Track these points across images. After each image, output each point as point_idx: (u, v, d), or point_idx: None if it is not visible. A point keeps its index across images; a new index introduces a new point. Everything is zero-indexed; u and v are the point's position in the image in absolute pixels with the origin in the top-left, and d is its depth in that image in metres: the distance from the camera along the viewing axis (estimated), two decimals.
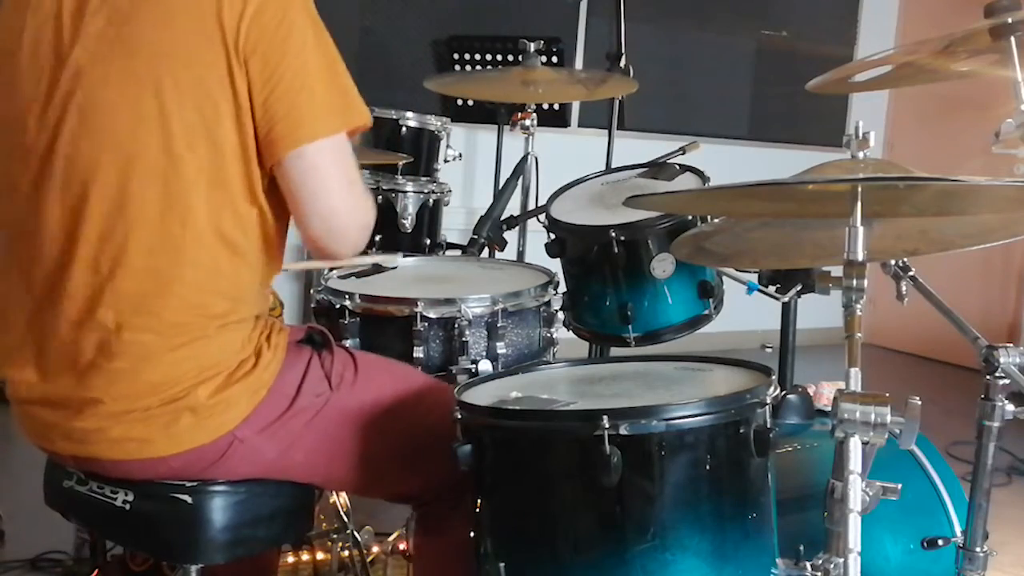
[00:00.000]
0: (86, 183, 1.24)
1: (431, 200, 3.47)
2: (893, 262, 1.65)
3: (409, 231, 3.40)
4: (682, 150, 2.54)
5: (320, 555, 2.16)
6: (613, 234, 1.95)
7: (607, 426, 1.13)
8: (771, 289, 1.97)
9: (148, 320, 1.25)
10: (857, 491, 1.15)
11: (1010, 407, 1.52)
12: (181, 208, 1.24)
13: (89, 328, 1.25)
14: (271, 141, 1.26)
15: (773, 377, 1.31)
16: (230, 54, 1.23)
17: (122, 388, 1.26)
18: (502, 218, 2.32)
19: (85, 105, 1.23)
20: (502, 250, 2.36)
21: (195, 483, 1.34)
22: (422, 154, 3.47)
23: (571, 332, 2.13)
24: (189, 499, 1.34)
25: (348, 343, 1.68)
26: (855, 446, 1.16)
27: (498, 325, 1.70)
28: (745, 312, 2.67)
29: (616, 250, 1.95)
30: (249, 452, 1.32)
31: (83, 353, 1.26)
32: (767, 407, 1.26)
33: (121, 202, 1.23)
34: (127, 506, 1.34)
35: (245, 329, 1.32)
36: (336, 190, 1.29)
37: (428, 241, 3.48)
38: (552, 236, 2.08)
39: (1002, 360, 1.49)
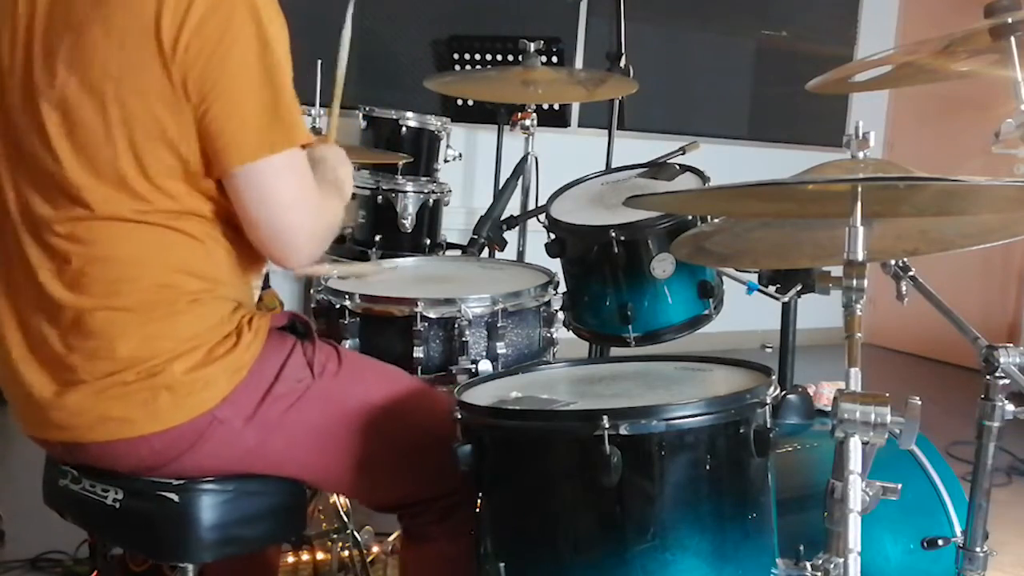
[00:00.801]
0: (53, 174, 1.26)
1: (431, 200, 3.47)
2: (893, 262, 1.65)
3: (409, 231, 3.40)
4: (682, 150, 2.54)
5: (320, 555, 2.16)
6: (613, 234, 1.95)
7: (607, 426, 1.13)
8: (771, 289, 1.98)
9: (120, 300, 1.28)
10: (857, 491, 1.15)
11: (1010, 407, 1.52)
12: (148, 200, 1.27)
13: (63, 314, 1.28)
14: (209, 158, 1.28)
15: (773, 377, 1.31)
16: (171, 74, 1.23)
17: (100, 364, 1.28)
18: (502, 218, 2.32)
19: (49, 120, 1.26)
20: (502, 250, 2.36)
21: (182, 481, 1.34)
22: (422, 154, 3.47)
23: (571, 332, 2.13)
24: (176, 497, 1.34)
25: (348, 343, 1.68)
26: (855, 446, 1.16)
27: (498, 325, 1.70)
28: (745, 312, 2.67)
29: (616, 250, 1.95)
30: (228, 435, 1.32)
31: (60, 335, 1.29)
32: (767, 407, 1.26)
33: (91, 196, 1.26)
34: (117, 504, 1.35)
35: (223, 308, 1.34)
36: (276, 209, 1.30)
37: (428, 241, 3.48)
38: (552, 236, 2.08)
39: (1002, 360, 1.49)
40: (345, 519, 2.07)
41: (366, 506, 1.56)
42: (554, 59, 3.77)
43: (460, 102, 3.97)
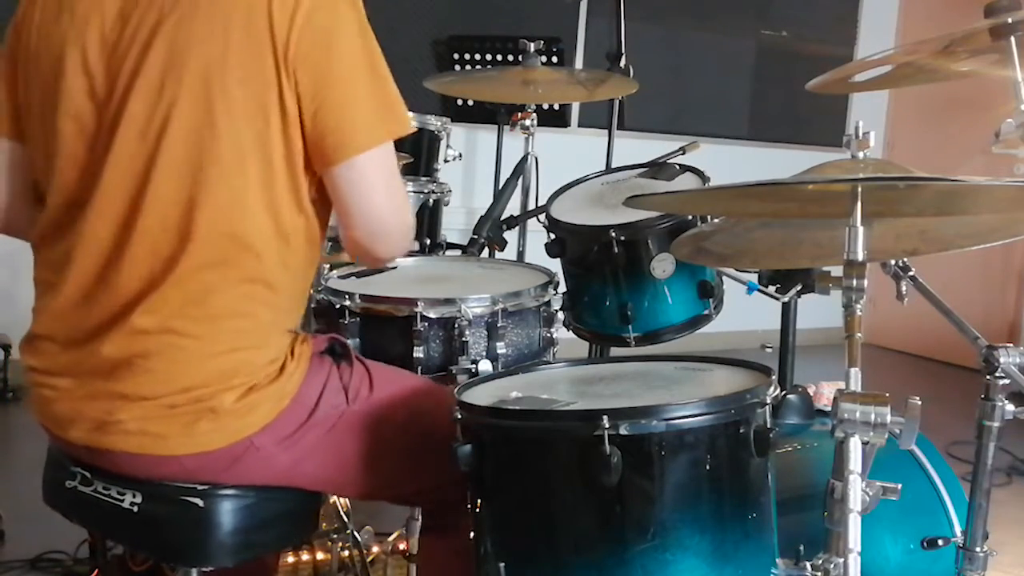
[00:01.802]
0: (142, 192, 1.25)
1: (431, 200, 3.46)
2: (893, 262, 1.65)
3: None
4: (682, 150, 2.54)
5: (320, 555, 2.16)
6: (613, 234, 1.94)
7: (607, 426, 1.13)
8: (771, 289, 1.97)
9: (191, 326, 1.26)
10: (857, 491, 1.15)
11: (1010, 407, 1.52)
12: (232, 222, 1.25)
13: (130, 327, 1.26)
14: (321, 152, 1.28)
15: (773, 377, 1.30)
16: (279, 66, 1.23)
17: (152, 387, 1.26)
18: (502, 218, 2.31)
19: (139, 116, 1.24)
20: (502, 250, 2.36)
21: (206, 486, 1.34)
22: (422, 154, 3.47)
23: (571, 332, 2.13)
24: (200, 502, 1.33)
25: (348, 343, 1.68)
26: (855, 446, 1.16)
27: (498, 325, 1.70)
28: (745, 312, 2.67)
29: (616, 250, 1.94)
30: (263, 460, 1.33)
31: (118, 349, 1.27)
32: (767, 407, 1.26)
33: (178, 218, 1.25)
34: (135, 508, 1.34)
35: (281, 342, 1.34)
36: (381, 196, 1.32)
37: (428, 241, 3.48)
38: (552, 236, 2.08)
39: (1002, 360, 1.49)
40: (345, 519, 2.07)
41: (386, 502, 1.57)
42: (554, 59, 3.77)
43: (460, 102, 3.97)
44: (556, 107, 4.04)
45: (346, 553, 2.11)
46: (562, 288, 1.99)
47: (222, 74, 1.23)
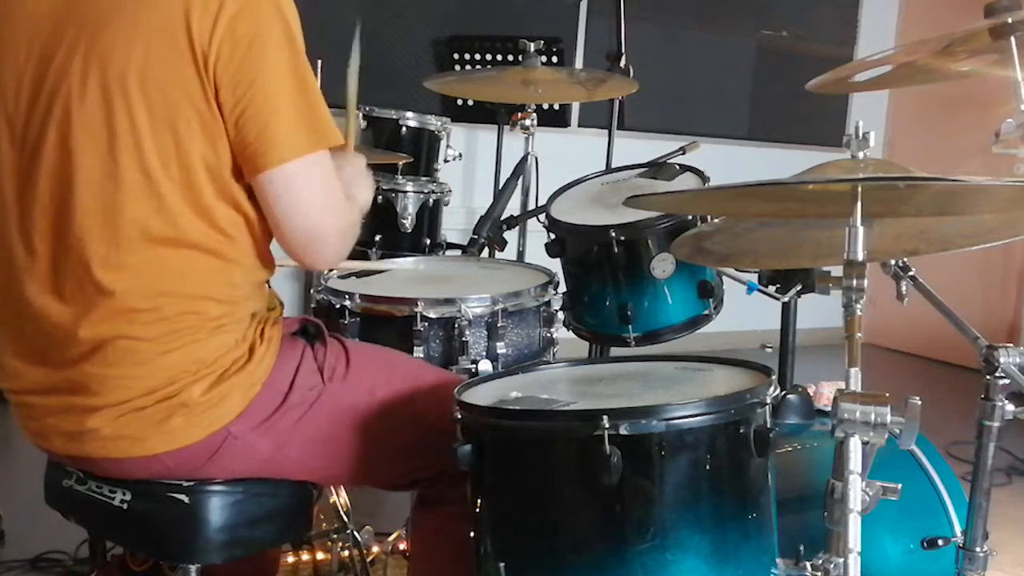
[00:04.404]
0: (69, 200, 1.24)
1: (431, 200, 3.47)
2: (893, 262, 1.65)
3: (409, 231, 3.40)
4: (682, 150, 2.54)
5: (320, 555, 2.16)
6: (613, 234, 1.95)
7: (607, 426, 1.13)
8: (771, 289, 1.97)
9: (141, 329, 1.26)
10: (857, 491, 1.15)
11: (1010, 407, 1.52)
12: (163, 225, 1.25)
13: (82, 340, 1.26)
14: (244, 160, 1.26)
15: (773, 377, 1.31)
16: (201, 73, 1.22)
17: (116, 393, 1.26)
18: (502, 218, 2.32)
19: (63, 121, 1.23)
20: (502, 250, 2.36)
21: (192, 483, 1.34)
22: (422, 154, 3.47)
23: (571, 332, 2.13)
24: (186, 499, 1.34)
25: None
26: (855, 446, 1.16)
27: (498, 325, 1.70)
28: (745, 312, 2.67)
29: (616, 250, 1.95)
30: (243, 449, 1.32)
31: (77, 361, 1.27)
32: (767, 407, 1.26)
33: (105, 221, 1.24)
34: (124, 505, 1.34)
35: (241, 328, 1.33)
36: (308, 208, 1.29)
37: (428, 241, 3.48)
38: (552, 236, 2.08)
39: (1002, 360, 1.49)
40: (345, 519, 2.07)
41: (379, 488, 1.57)
42: (554, 59, 3.77)
43: (460, 102, 3.97)
44: (556, 107, 4.03)
45: (346, 553, 2.11)
46: (562, 288, 1.99)
47: (141, 80, 1.21)
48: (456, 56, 3.97)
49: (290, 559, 2.13)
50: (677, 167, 2.19)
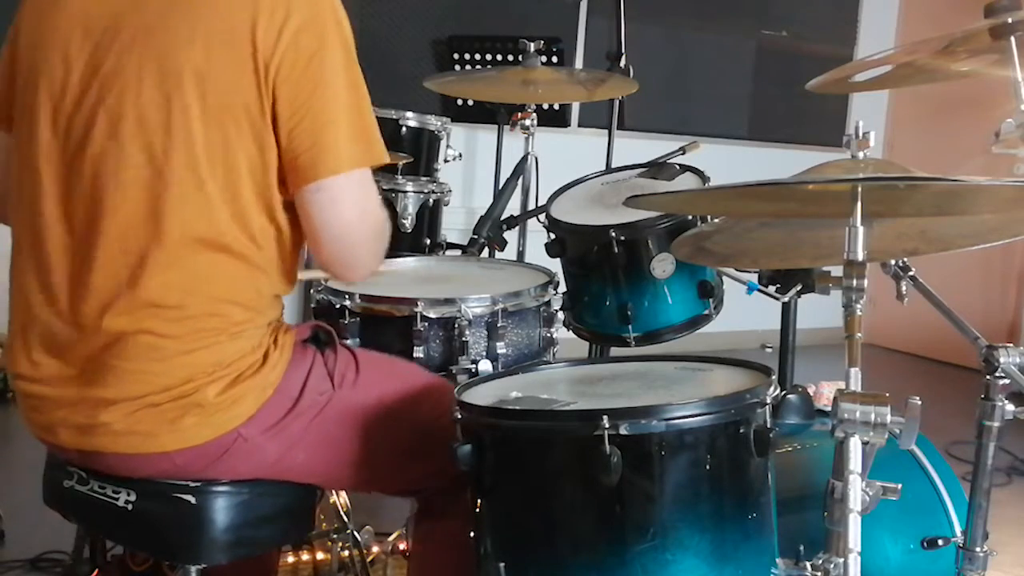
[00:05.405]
0: (112, 191, 1.25)
1: (431, 200, 3.46)
2: (893, 262, 1.65)
3: (409, 231, 3.39)
4: (682, 150, 2.54)
5: (320, 555, 2.16)
6: (613, 234, 1.95)
7: (607, 426, 1.13)
8: (771, 289, 1.97)
9: (165, 326, 1.26)
10: (857, 491, 1.15)
11: (1010, 407, 1.52)
12: (201, 226, 1.26)
13: (104, 331, 1.26)
14: (293, 170, 1.28)
15: (773, 377, 1.31)
16: (260, 81, 1.24)
17: (133, 387, 1.27)
18: (502, 218, 2.32)
19: (116, 114, 1.24)
20: (502, 250, 2.36)
21: (198, 483, 1.34)
22: (422, 154, 3.47)
23: (571, 332, 2.13)
24: (192, 499, 1.34)
25: (348, 343, 1.68)
26: (855, 446, 1.16)
27: (498, 325, 1.70)
28: (745, 312, 2.67)
29: (616, 250, 1.95)
30: (252, 451, 1.33)
31: (96, 352, 1.27)
32: (767, 407, 1.26)
33: (145, 216, 1.25)
34: (129, 506, 1.34)
35: (258, 335, 1.34)
36: (349, 222, 1.31)
37: (428, 241, 3.47)
38: (552, 236, 2.08)
39: (1002, 360, 1.49)
40: (345, 519, 2.07)
41: (382, 493, 1.57)
42: (554, 59, 3.77)
43: (460, 102, 3.97)
44: (556, 107, 4.04)
45: (346, 553, 2.11)
46: (562, 288, 1.99)
47: (199, 80, 1.23)
48: (456, 56, 3.97)
49: (290, 559, 2.13)
50: (677, 167, 2.19)
